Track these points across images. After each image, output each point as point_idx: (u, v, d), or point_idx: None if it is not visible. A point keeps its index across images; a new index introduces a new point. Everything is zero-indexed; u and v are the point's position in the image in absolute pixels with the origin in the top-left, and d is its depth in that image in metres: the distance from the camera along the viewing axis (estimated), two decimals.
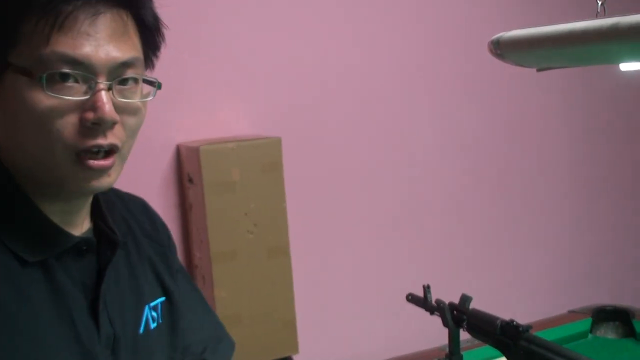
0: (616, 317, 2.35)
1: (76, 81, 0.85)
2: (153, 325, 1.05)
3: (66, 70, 0.84)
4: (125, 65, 0.89)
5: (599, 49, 1.11)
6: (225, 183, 2.59)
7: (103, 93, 0.86)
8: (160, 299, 1.08)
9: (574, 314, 2.42)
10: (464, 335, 1.47)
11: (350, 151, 3.15)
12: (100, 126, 0.87)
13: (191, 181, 2.70)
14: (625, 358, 2.17)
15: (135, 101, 0.91)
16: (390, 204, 3.26)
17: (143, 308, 1.03)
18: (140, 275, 1.05)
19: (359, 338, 3.18)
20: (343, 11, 3.08)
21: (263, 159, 2.64)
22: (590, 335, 2.32)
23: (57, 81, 0.85)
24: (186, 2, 2.74)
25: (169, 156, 2.81)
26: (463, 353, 1.53)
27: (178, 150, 2.81)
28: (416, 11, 3.24)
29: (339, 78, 3.09)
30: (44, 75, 0.83)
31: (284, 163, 2.67)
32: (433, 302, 1.51)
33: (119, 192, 1.11)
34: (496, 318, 1.35)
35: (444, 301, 1.49)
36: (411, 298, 1.59)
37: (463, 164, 3.41)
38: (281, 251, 2.69)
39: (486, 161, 3.48)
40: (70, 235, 0.93)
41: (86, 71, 0.85)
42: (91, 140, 0.87)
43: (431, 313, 1.52)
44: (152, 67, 0.96)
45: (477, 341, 1.49)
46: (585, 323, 2.34)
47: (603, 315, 2.36)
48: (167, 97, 2.72)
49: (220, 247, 2.60)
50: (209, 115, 2.86)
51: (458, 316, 1.45)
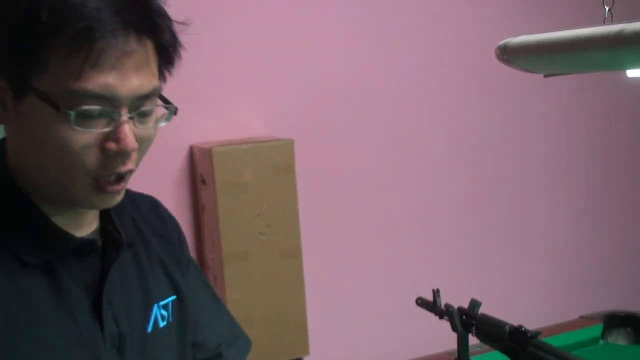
0: (628, 324, 2.34)
1: (100, 114, 0.86)
2: (162, 323, 1.05)
3: (95, 107, 0.85)
4: (146, 96, 0.90)
5: (605, 56, 1.10)
6: (237, 184, 2.60)
7: (126, 125, 0.87)
8: (170, 298, 1.08)
9: (585, 320, 2.41)
10: (473, 340, 1.47)
11: (362, 153, 3.16)
12: (121, 156, 0.89)
13: (204, 182, 2.71)
14: None
15: (153, 128, 0.93)
16: (401, 207, 3.26)
17: (152, 307, 1.04)
18: (149, 274, 1.06)
19: (369, 340, 3.18)
20: (356, 14, 3.09)
21: (275, 161, 2.65)
22: (601, 341, 2.31)
23: (84, 116, 0.85)
24: (200, 5, 2.76)
25: (183, 157, 2.82)
26: (472, 358, 1.54)
27: (191, 151, 2.83)
28: (432, 14, 3.24)
29: (352, 81, 3.10)
30: (73, 112, 0.84)
31: (297, 165, 2.68)
32: (442, 307, 1.52)
33: (130, 193, 1.11)
34: (505, 323, 1.35)
35: (453, 305, 1.49)
36: (420, 302, 1.59)
37: (474, 168, 3.41)
38: (293, 253, 2.70)
39: (497, 165, 3.47)
40: (72, 237, 0.94)
41: (111, 105, 0.86)
42: (111, 168, 0.89)
43: (440, 317, 1.53)
44: (165, 80, 0.96)
45: (486, 346, 1.49)
46: (596, 329, 2.34)
47: (615, 321, 2.35)
48: (181, 99, 2.72)
49: (232, 248, 2.61)
50: (222, 117, 2.87)
51: (467, 321, 1.45)
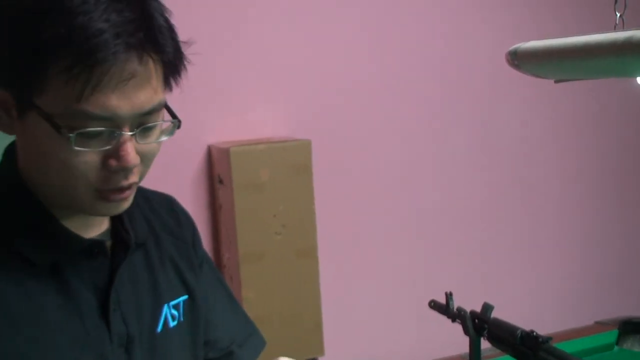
0: None
1: (101, 133, 0.86)
2: (173, 323, 1.05)
3: (95, 128, 0.85)
4: (148, 113, 0.89)
5: (615, 62, 1.10)
6: (254, 184, 2.62)
7: (128, 143, 0.87)
8: (182, 298, 1.08)
9: (600, 325, 2.40)
10: (485, 344, 1.47)
11: (379, 154, 3.16)
12: (123, 172, 0.89)
13: (221, 182, 2.73)
14: None
15: (155, 143, 0.93)
16: (416, 210, 3.26)
17: (162, 307, 1.04)
18: (159, 274, 1.06)
19: (384, 342, 3.19)
20: (373, 14, 3.09)
21: (293, 161, 2.66)
22: (616, 347, 2.30)
23: (85, 136, 0.85)
24: (217, 6, 2.78)
25: (200, 157, 2.85)
26: None
27: (209, 151, 2.85)
28: (448, 21, 3.24)
29: (369, 81, 3.11)
30: (73, 135, 0.84)
31: (314, 165, 2.70)
32: (455, 310, 1.52)
33: (145, 192, 1.11)
34: (517, 328, 1.35)
35: (465, 309, 1.50)
36: (433, 305, 1.59)
37: (489, 172, 3.40)
38: (309, 253, 2.71)
39: (510, 168, 3.46)
40: (80, 238, 0.95)
41: (113, 125, 0.86)
42: (114, 182, 0.90)
43: (453, 320, 1.53)
44: (171, 90, 0.94)
45: (498, 350, 1.49)
46: (611, 335, 2.32)
47: (630, 327, 2.33)
48: (199, 99, 2.79)
49: (248, 248, 2.62)
50: (240, 117, 2.89)
51: (479, 325, 1.45)
